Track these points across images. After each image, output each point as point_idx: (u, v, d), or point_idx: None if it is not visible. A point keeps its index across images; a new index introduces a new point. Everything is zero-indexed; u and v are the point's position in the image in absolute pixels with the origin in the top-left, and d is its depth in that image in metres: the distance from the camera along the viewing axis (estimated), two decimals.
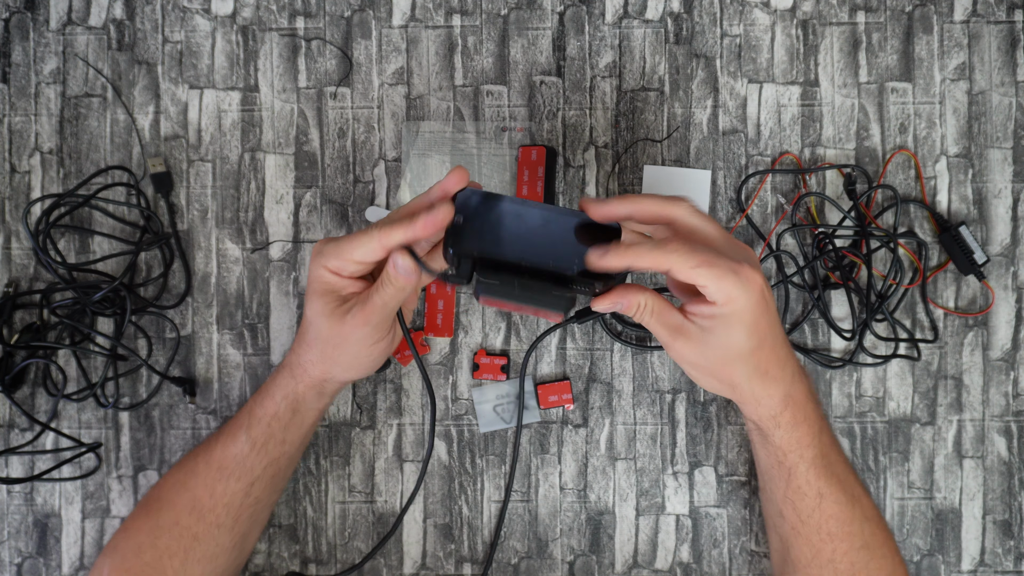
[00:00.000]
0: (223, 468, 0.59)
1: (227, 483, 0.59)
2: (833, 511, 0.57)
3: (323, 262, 0.53)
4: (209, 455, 0.59)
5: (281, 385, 0.59)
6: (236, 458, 0.59)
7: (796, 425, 0.55)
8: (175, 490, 0.59)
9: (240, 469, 0.59)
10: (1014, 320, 0.67)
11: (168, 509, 0.59)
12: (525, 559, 0.68)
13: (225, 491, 0.59)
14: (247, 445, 0.59)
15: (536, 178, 0.65)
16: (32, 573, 0.68)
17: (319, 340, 0.56)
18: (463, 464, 0.68)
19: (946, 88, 0.67)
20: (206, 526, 0.58)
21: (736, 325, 0.50)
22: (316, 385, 0.59)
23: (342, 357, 0.57)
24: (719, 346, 0.51)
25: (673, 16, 0.68)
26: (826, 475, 0.56)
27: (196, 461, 0.60)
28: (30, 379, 0.68)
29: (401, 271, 0.51)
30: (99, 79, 0.68)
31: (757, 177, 0.67)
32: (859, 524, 0.57)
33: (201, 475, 0.59)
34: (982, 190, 0.67)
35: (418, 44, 0.68)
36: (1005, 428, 0.67)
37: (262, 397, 0.60)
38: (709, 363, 0.53)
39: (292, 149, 0.68)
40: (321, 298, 0.54)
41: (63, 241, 0.68)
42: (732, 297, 0.49)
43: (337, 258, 0.53)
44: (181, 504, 0.58)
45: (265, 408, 0.59)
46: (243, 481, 0.59)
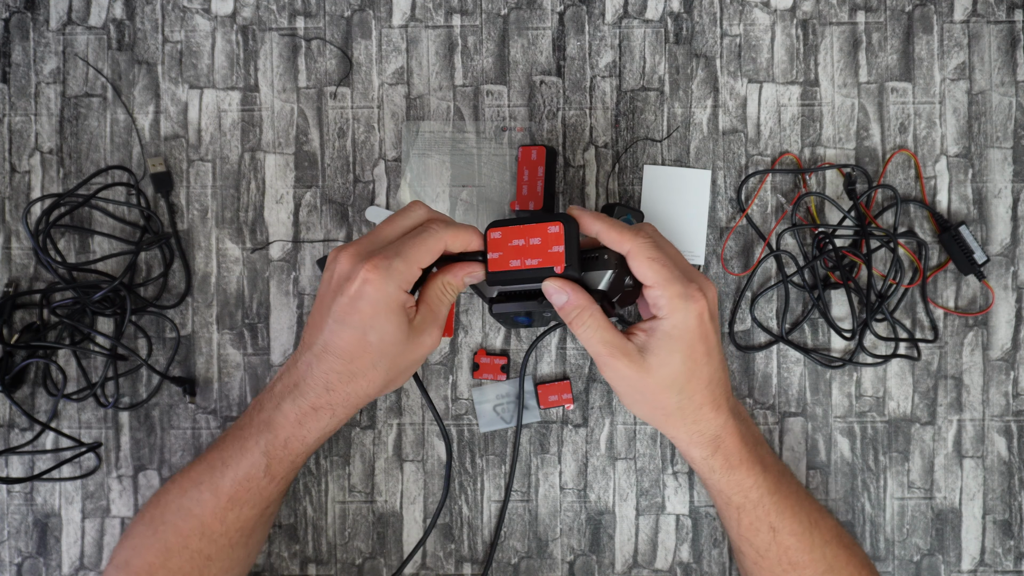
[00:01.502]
0: (235, 498, 0.56)
1: (240, 511, 0.56)
2: (790, 542, 0.56)
3: (396, 282, 0.51)
4: (220, 488, 0.56)
5: (317, 427, 0.55)
6: (251, 490, 0.56)
7: (731, 469, 0.55)
8: (180, 516, 0.57)
9: (255, 499, 0.56)
10: (1014, 320, 0.67)
11: (174, 533, 0.56)
12: (525, 559, 0.68)
13: (238, 518, 0.56)
14: (266, 480, 0.56)
15: (536, 178, 0.65)
16: (32, 573, 0.68)
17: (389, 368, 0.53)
18: (463, 464, 0.68)
19: (946, 88, 0.67)
20: (219, 548, 0.57)
21: (674, 345, 0.51)
22: (353, 414, 0.56)
23: (406, 372, 0.55)
24: (654, 367, 0.52)
25: (673, 16, 0.68)
26: (776, 510, 0.56)
27: (201, 490, 0.56)
28: (30, 379, 0.68)
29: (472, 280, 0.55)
30: (99, 79, 0.68)
31: (757, 177, 0.67)
32: (819, 549, 0.57)
33: (209, 504, 0.56)
34: (982, 190, 0.67)
35: (418, 44, 0.68)
36: (1005, 428, 0.67)
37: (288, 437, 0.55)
38: (643, 386, 0.53)
39: (292, 149, 0.68)
40: (397, 319, 0.51)
41: (63, 241, 0.68)
42: (675, 307, 0.51)
43: (407, 273, 0.51)
44: (188, 529, 0.56)
45: (292, 449, 0.55)
46: (257, 508, 0.57)
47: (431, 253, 0.52)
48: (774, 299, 0.68)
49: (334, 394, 0.53)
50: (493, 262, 0.54)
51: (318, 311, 0.54)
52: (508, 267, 0.54)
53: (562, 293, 0.52)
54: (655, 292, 0.51)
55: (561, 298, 0.52)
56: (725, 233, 0.67)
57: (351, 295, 0.51)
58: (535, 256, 0.53)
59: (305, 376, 0.54)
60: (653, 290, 0.51)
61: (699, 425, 0.54)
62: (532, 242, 0.53)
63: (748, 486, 0.56)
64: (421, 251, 0.51)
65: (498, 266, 0.54)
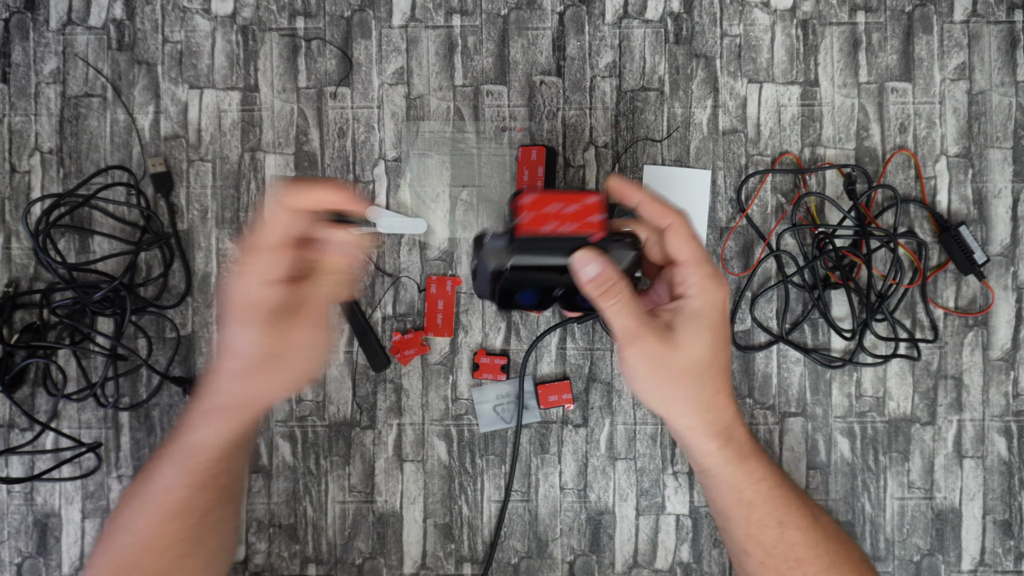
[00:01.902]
0: (169, 511, 0.54)
1: (178, 523, 0.54)
2: (796, 538, 0.56)
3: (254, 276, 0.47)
4: (150, 499, 0.54)
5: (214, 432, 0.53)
6: (181, 501, 0.54)
7: (743, 460, 0.54)
8: (122, 534, 0.55)
9: (189, 509, 0.54)
10: (1014, 320, 0.67)
11: (122, 552, 0.55)
12: (525, 559, 0.68)
13: (180, 530, 0.54)
14: (192, 489, 0.54)
15: (536, 178, 0.65)
16: (32, 573, 0.68)
17: (266, 367, 0.50)
18: (463, 464, 0.68)
19: (946, 88, 0.67)
20: (167, 561, 0.55)
21: (702, 323, 0.50)
22: (259, 416, 0.54)
23: (296, 373, 0.51)
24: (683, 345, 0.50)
25: (673, 16, 0.68)
26: (784, 503, 0.56)
27: (137, 502, 0.55)
28: (30, 379, 0.68)
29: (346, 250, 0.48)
30: (99, 79, 0.68)
31: (757, 177, 0.67)
32: (823, 545, 0.56)
33: (147, 518, 0.54)
34: (982, 190, 0.67)
35: (418, 44, 0.68)
36: (1005, 428, 0.67)
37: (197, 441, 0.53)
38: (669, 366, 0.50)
39: (292, 149, 0.68)
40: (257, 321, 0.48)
41: (63, 241, 0.68)
42: (706, 287, 0.49)
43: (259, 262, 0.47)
44: (133, 547, 0.54)
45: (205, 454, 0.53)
46: (195, 516, 0.55)
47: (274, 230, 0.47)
48: (774, 299, 0.68)
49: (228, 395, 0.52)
50: (522, 226, 0.51)
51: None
52: (539, 232, 0.50)
53: (595, 264, 0.50)
54: (687, 270, 0.50)
55: (593, 269, 0.50)
56: (725, 233, 0.67)
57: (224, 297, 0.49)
58: (571, 222, 0.51)
59: (208, 380, 0.53)
60: (685, 267, 0.50)
61: (714, 413, 0.53)
62: (568, 209, 0.51)
63: (759, 477, 0.55)
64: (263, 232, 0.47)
65: (528, 230, 0.51)
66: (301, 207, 0.47)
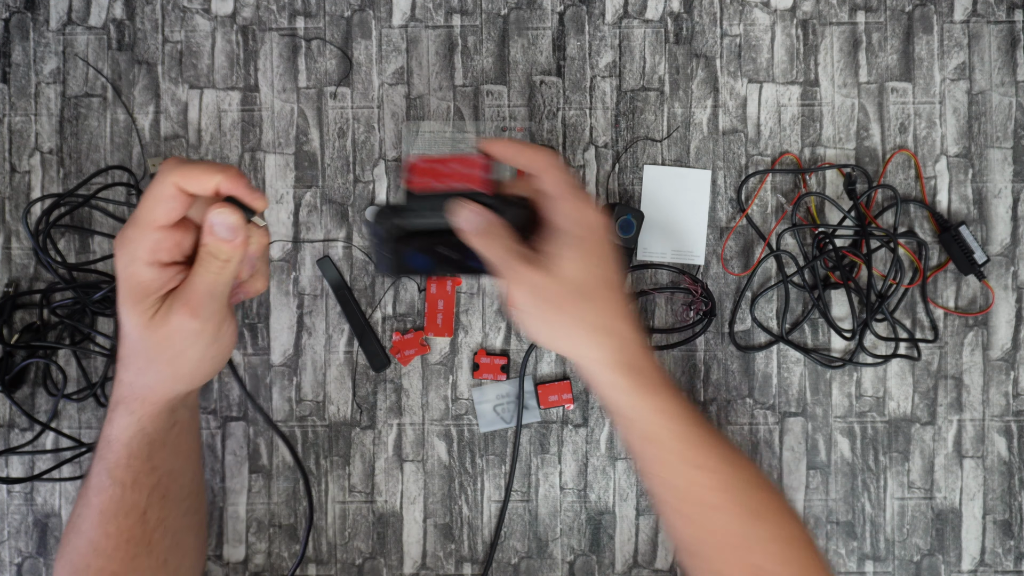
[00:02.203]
0: (105, 512, 0.52)
1: (116, 522, 0.52)
2: (711, 482, 0.51)
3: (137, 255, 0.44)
4: (88, 500, 0.53)
5: (122, 426, 0.51)
6: (112, 500, 0.52)
7: (650, 392, 0.51)
8: (73, 535, 0.54)
9: (122, 508, 0.52)
10: (1014, 320, 0.67)
11: (75, 554, 0.54)
12: (525, 559, 0.68)
13: (119, 529, 0.53)
14: (117, 488, 0.52)
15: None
16: (32, 573, 0.68)
17: (147, 357, 0.48)
18: (463, 464, 0.68)
19: (946, 88, 0.67)
20: (119, 562, 0.53)
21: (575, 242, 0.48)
22: (162, 410, 0.51)
23: (180, 367, 0.49)
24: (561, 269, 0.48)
25: (673, 16, 0.68)
26: (697, 444, 0.51)
27: (80, 504, 0.54)
28: (30, 379, 0.68)
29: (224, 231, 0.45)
30: (99, 79, 0.68)
31: (757, 177, 0.67)
32: (743, 491, 0.52)
33: (88, 520, 0.53)
34: (982, 190, 0.67)
35: (418, 44, 0.68)
36: (1005, 428, 0.67)
37: (108, 437, 0.52)
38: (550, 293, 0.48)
39: (292, 149, 0.68)
40: (138, 304, 0.45)
41: (63, 241, 0.68)
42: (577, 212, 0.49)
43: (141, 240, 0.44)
44: (83, 549, 0.53)
45: (116, 451, 0.52)
46: (132, 517, 0.53)
47: (160, 202, 0.44)
48: (774, 299, 0.68)
49: (124, 387, 0.50)
50: (413, 184, 0.52)
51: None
52: (431, 188, 0.52)
53: (472, 210, 0.50)
54: (560, 201, 0.49)
55: (471, 214, 0.50)
56: (725, 233, 0.67)
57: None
58: (459, 181, 0.52)
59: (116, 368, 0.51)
60: (559, 200, 0.49)
61: (612, 339, 0.50)
62: (456, 168, 0.53)
63: (670, 414, 0.51)
64: (147, 205, 0.44)
65: (418, 188, 0.52)
66: (189, 190, 0.45)
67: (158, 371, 0.48)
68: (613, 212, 0.64)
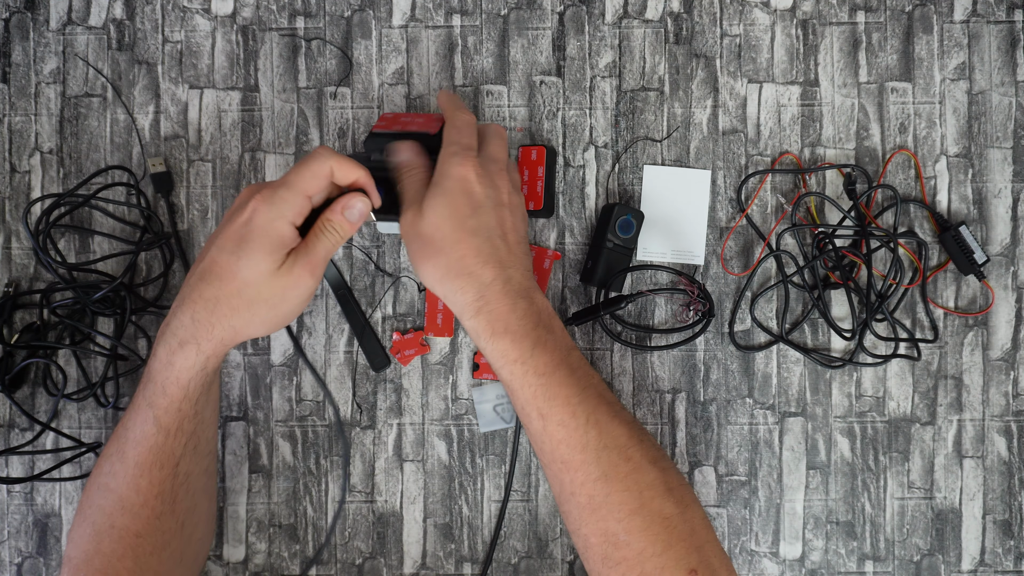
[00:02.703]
0: (140, 463, 0.54)
1: (149, 475, 0.54)
2: (561, 435, 0.52)
3: (284, 212, 0.51)
4: (122, 454, 0.55)
5: (186, 366, 0.53)
6: (152, 449, 0.54)
7: (496, 336, 0.53)
8: (100, 494, 0.56)
9: (160, 458, 0.54)
10: (1014, 320, 0.67)
11: (99, 513, 0.55)
12: (525, 559, 0.68)
13: (151, 483, 0.54)
14: (161, 435, 0.54)
15: (536, 178, 0.65)
16: (32, 573, 0.68)
17: (253, 300, 0.52)
18: (463, 464, 0.68)
19: (946, 88, 0.67)
20: (144, 521, 0.55)
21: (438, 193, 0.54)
22: (225, 352, 0.55)
23: (279, 314, 0.54)
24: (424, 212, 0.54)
25: (673, 16, 0.68)
26: (545, 395, 0.52)
27: (111, 461, 0.56)
28: (30, 379, 0.68)
29: (357, 217, 0.54)
30: (99, 79, 0.68)
31: (757, 177, 0.67)
32: (595, 452, 0.51)
33: (120, 475, 0.55)
34: (982, 190, 0.67)
35: (418, 44, 0.68)
36: (1005, 428, 0.67)
37: (163, 381, 0.54)
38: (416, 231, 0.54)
39: (292, 149, 0.68)
40: (271, 254, 0.51)
41: (63, 241, 0.68)
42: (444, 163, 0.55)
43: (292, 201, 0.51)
44: (110, 507, 0.55)
45: (171, 394, 0.54)
46: (167, 468, 0.55)
47: (316, 178, 0.52)
48: (774, 299, 0.68)
49: (199, 326, 0.53)
50: (376, 127, 0.61)
51: (207, 244, 0.54)
52: (393, 128, 0.61)
53: (404, 147, 0.57)
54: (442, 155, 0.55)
55: (404, 154, 0.57)
56: (725, 233, 0.67)
57: (237, 223, 0.52)
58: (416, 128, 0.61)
59: (176, 311, 0.53)
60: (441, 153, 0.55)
61: (462, 280, 0.53)
62: (418, 121, 0.62)
63: (512, 358, 0.52)
64: (305, 176, 0.52)
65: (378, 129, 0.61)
66: (341, 177, 0.53)
67: (255, 314, 0.53)
68: (613, 212, 0.64)
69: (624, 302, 0.64)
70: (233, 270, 0.52)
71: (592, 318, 0.65)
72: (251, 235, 0.51)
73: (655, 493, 0.51)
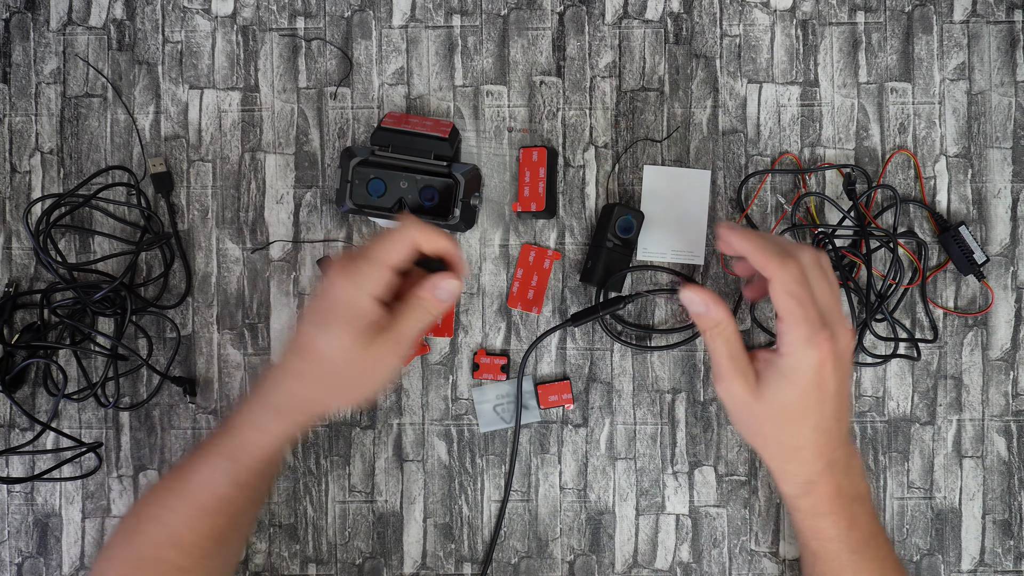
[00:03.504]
0: (206, 507, 0.55)
1: (211, 520, 0.55)
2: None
3: (364, 286, 0.49)
4: (187, 493, 0.55)
5: (276, 433, 0.54)
6: (220, 498, 0.55)
7: (816, 516, 0.54)
8: (152, 524, 0.55)
9: (224, 507, 0.55)
10: (1014, 320, 0.67)
11: (148, 543, 0.55)
12: (525, 559, 0.68)
13: (211, 527, 0.55)
14: (233, 488, 0.55)
15: (537, 179, 0.65)
16: (32, 573, 0.68)
17: (340, 375, 0.51)
18: (463, 464, 0.68)
19: (946, 88, 0.67)
20: (192, 559, 0.55)
21: (785, 385, 0.51)
22: (312, 423, 0.55)
23: (363, 390, 0.53)
24: (765, 397, 0.51)
25: (673, 16, 0.68)
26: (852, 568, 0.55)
27: (171, 496, 0.56)
28: (30, 379, 0.68)
29: (448, 297, 0.51)
30: (99, 79, 0.68)
31: (757, 177, 0.67)
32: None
33: (180, 512, 0.55)
34: (982, 190, 0.67)
35: (418, 44, 0.68)
36: (1005, 428, 0.67)
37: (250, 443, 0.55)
38: (750, 411, 0.53)
39: (292, 149, 0.68)
40: (352, 329, 0.49)
41: (63, 241, 0.68)
42: (794, 350, 0.50)
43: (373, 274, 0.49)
44: (160, 539, 0.55)
45: (255, 456, 0.55)
46: (228, 517, 0.56)
47: (399, 249, 0.50)
48: None
49: (291, 398, 0.53)
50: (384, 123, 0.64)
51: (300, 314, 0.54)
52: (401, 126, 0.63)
53: (702, 304, 0.52)
54: (783, 327, 0.50)
55: (700, 308, 0.52)
56: None
57: (318, 296, 0.51)
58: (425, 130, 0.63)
59: (266, 376, 0.54)
60: (782, 324, 0.50)
61: (793, 466, 0.54)
62: (424, 123, 0.64)
63: (829, 536, 0.55)
64: (386, 246, 0.50)
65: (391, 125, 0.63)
66: (427, 248, 0.51)
67: (339, 389, 0.52)
68: (613, 213, 0.64)
69: (623, 302, 0.64)
70: (317, 345, 0.50)
71: (592, 318, 0.65)
72: (331, 310, 0.50)
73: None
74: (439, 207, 0.63)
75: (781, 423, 0.52)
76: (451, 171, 0.63)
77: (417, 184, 0.63)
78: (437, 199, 0.63)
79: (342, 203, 0.64)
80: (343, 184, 0.63)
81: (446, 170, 0.63)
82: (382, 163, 0.63)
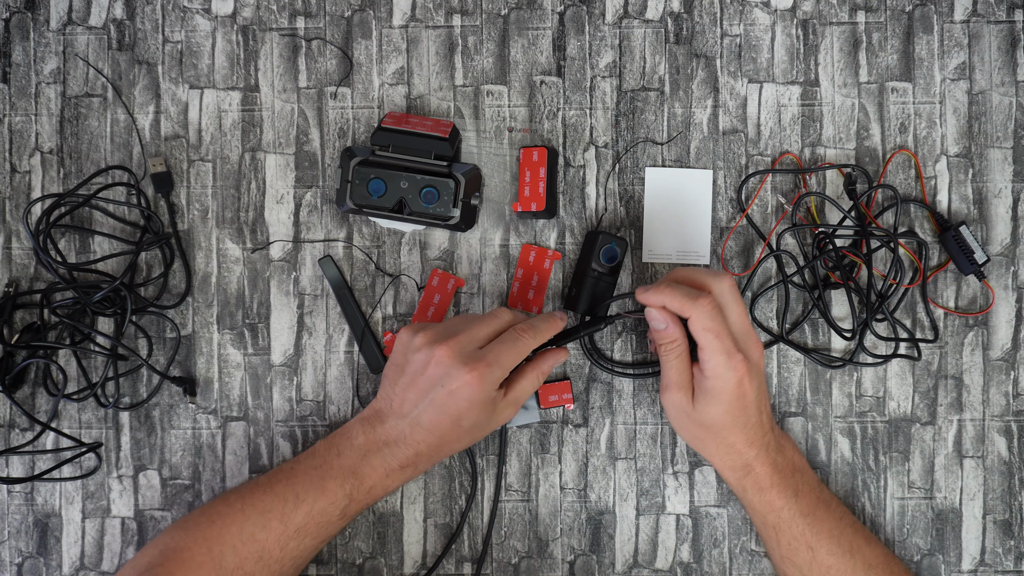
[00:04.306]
0: (303, 530, 0.59)
1: (303, 541, 0.59)
2: (830, 562, 0.60)
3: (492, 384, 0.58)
4: (288, 517, 0.59)
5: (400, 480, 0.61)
6: (322, 525, 0.59)
7: (761, 491, 0.61)
8: (241, 539, 0.58)
9: (322, 532, 0.60)
10: (1014, 320, 0.67)
11: (232, 554, 0.58)
12: (525, 559, 0.68)
13: (299, 548, 0.59)
14: (339, 520, 0.60)
15: (538, 179, 0.65)
16: (32, 573, 0.68)
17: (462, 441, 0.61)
18: (463, 464, 0.68)
19: (946, 88, 0.67)
20: (271, 573, 0.59)
21: (712, 400, 0.58)
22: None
23: (477, 439, 0.62)
24: (698, 408, 0.59)
25: (673, 16, 0.68)
26: (811, 531, 0.60)
27: (269, 518, 0.59)
28: (30, 379, 0.68)
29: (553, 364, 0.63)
30: (99, 79, 0.68)
31: (757, 177, 0.67)
32: (862, 572, 0.61)
33: (275, 532, 0.59)
34: (982, 190, 0.67)
35: (418, 44, 0.68)
36: (1005, 428, 0.67)
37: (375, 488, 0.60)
38: (687, 418, 0.61)
39: (292, 149, 0.68)
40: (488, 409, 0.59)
41: (63, 241, 0.68)
42: (716, 374, 0.58)
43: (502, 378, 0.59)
44: (247, 553, 0.58)
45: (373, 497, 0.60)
46: (319, 539, 0.60)
47: (520, 358, 0.60)
48: (774, 299, 0.68)
49: (421, 458, 0.60)
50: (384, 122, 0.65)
51: (400, 382, 0.59)
52: (402, 126, 0.64)
53: (663, 322, 0.59)
54: (703, 355, 0.58)
55: (660, 325, 0.59)
56: (725, 233, 0.67)
57: (451, 390, 0.57)
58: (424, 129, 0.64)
59: (396, 440, 0.59)
60: (702, 353, 0.58)
61: (731, 457, 0.61)
62: (425, 123, 0.65)
63: (779, 507, 0.60)
64: (513, 358, 0.59)
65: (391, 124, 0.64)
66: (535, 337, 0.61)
67: (463, 441, 0.61)
68: (597, 241, 0.64)
69: (604, 323, 0.64)
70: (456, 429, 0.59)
71: (573, 338, 0.64)
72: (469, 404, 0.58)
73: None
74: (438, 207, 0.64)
75: (715, 430, 0.60)
76: (451, 171, 0.63)
77: (417, 184, 0.63)
78: (437, 199, 0.63)
79: (342, 203, 0.64)
80: (343, 184, 0.64)
81: (446, 170, 0.63)
82: (382, 163, 0.64)
